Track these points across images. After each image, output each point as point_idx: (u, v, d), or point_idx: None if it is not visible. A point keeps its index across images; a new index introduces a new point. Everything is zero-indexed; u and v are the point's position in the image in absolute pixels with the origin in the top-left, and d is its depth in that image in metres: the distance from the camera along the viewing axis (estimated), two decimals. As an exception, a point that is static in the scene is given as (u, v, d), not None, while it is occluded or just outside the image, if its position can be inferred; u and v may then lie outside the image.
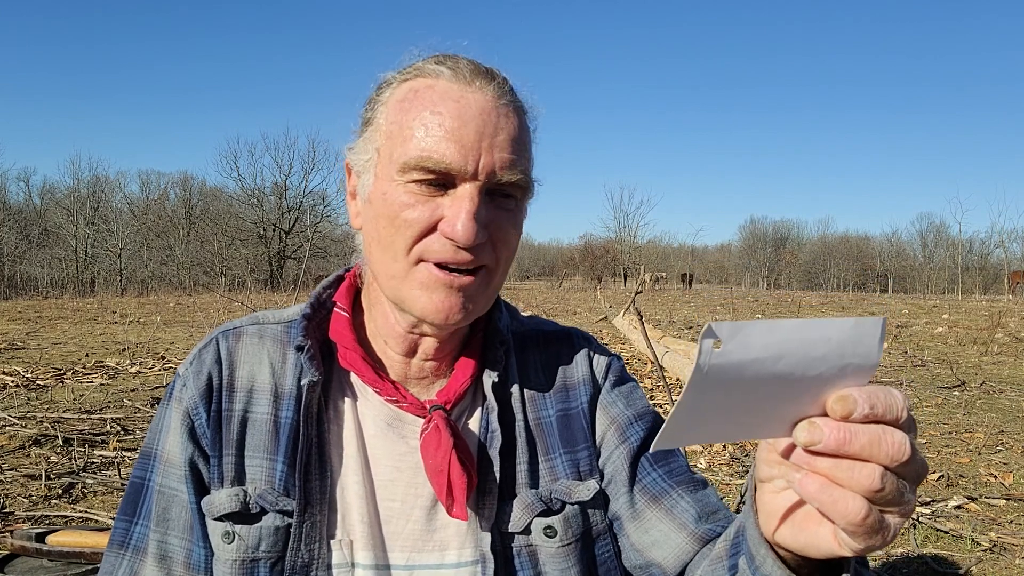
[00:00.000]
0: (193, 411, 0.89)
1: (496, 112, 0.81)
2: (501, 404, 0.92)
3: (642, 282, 10.06)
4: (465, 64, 0.83)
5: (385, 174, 0.82)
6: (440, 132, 0.78)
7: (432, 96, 0.81)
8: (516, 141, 0.82)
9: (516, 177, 0.82)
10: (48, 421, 5.15)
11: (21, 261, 38.58)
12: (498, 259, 0.85)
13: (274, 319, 0.97)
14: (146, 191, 48.77)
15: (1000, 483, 4.31)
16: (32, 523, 3.30)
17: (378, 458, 0.89)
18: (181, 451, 0.89)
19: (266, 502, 0.86)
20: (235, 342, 0.93)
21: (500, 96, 0.82)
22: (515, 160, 0.81)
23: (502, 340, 0.95)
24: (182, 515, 0.89)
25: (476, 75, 0.82)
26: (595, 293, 28.47)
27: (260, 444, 0.88)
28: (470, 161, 0.78)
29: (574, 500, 0.91)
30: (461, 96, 0.80)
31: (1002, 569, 3.12)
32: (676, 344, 9.45)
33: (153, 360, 8.55)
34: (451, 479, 0.83)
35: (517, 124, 0.83)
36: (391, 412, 0.90)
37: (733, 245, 78.18)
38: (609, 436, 0.95)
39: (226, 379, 0.90)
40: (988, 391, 7.50)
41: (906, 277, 60.74)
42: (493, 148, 0.79)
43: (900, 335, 13.43)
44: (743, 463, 4.63)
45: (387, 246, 0.83)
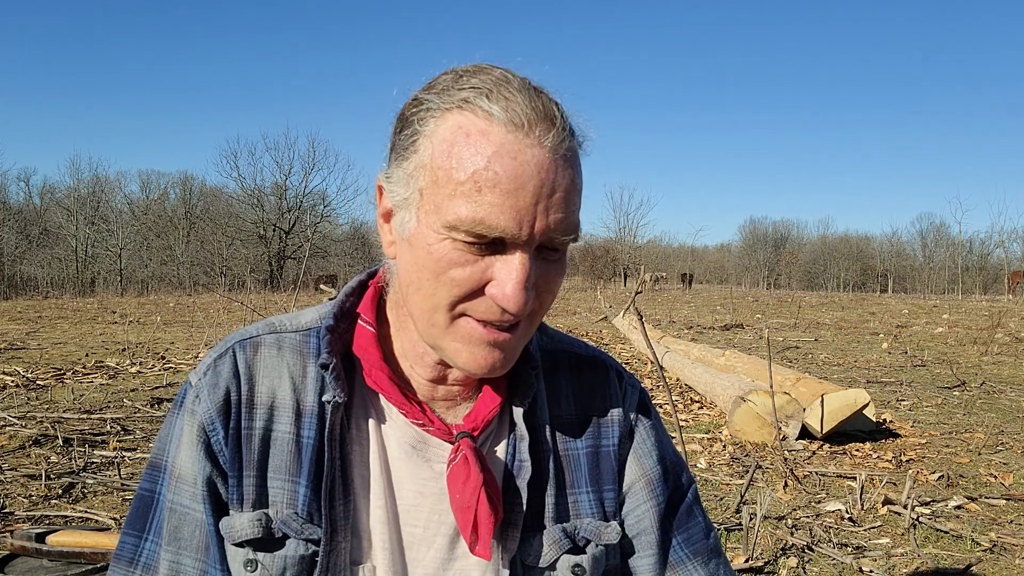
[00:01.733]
0: (209, 427, 0.84)
1: (554, 168, 0.72)
2: (530, 431, 0.88)
3: (642, 282, 10.08)
4: (521, 103, 0.72)
5: (429, 223, 0.75)
6: (495, 198, 0.70)
7: (486, 147, 0.71)
8: (570, 195, 0.75)
9: (570, 236, 0.76)
10: (48, 421, 5.15)
11: (21, 261, 38.59)
12: (542, 305, 0.80)
13: (291, 326, 0.91)
14: (146, 191, 48.81)
15: (1000, 483, 4.31)
16: (32, 523, 3.29)
17: (402, 481, 0.86)
18: (198, 468, 0.85)
19: (290, 528, 0.83)
20: (253, 354, 0.87)
21: (559, 144, 0.73)
22: (567, 218, 0.74)
23: (534, 365, 0.90)
24: (196, 534, 0.85)
25: (535, 121, 0.72)
26: (595, 293, 28.47)
27: (283, 465, 0.84)
28: (524, 227, 0.72)
29: (603, 542, 0.89)
30: (519, 152, 0.71)
31: (1002, 569, 3.12)
32: (676, 344, 9.45)
33: (153, 360, 8.55)
34: (478, 516, 0.80)
35: (572, 175, 0.75)
36: (416, 434, 0.87)
37: (733, 245, 78.20)
38: (638, 488, 0.93)
39: (245, 395, 0.85)
40: (988, 391, 7.50)
41: (906, 277, 60.74)
42: (548, 210, 0.73)
43: (900, 335, 13.43)
44: (743, 463, 4.63)
45: (428, 297, 0.77)
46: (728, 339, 12.57)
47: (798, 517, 3.69)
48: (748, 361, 7.26)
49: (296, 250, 41.63)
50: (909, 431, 5.60)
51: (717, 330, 14.57)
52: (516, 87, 0.74)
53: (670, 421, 5.58)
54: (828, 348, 11.46)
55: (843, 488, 4.19)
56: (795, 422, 5.15)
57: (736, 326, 15.25)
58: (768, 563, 3.12)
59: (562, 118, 0.74)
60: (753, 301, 26.91)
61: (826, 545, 3.29)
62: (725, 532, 3.43)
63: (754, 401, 5.17)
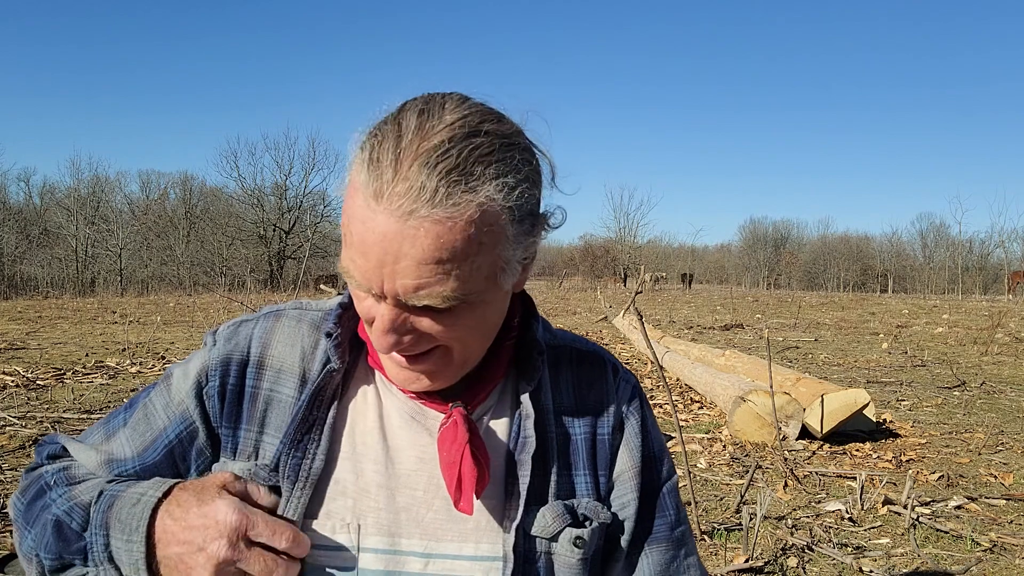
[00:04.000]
0: (212, 372, 0.92)
1: (399, 237, 0.71)
2: (535, 412, 0.93)
3: (642, 282, 10.06)
4: (386, 163, 0.73)
5: None
6: (353, 254, 0.76)
7: (351, 208, 0.76)
8: (427, 263, 0.72)
9: (423, 302, 0.75)
10: (48, 421, 5.15)
11: (21, 261, 38.59)
12: (459, 340, 0.82)
13: (316, 307, 0.99)
14: (146, 191, 48.85)
15: (1000, 483, 4.31)
16: (32, 523, 3.30)
17: (401, 448, 0.91)
18: (184, 395, 0.93)
19: (259, 478, 0.88)
20: (275, 322, 0.96)
21: (409, 213, 0.71)
22: (422, 285, 0.74)
23: (540, 350, 0.95)
24: (145, 436, 0.93)
25: (388, 182, 0.72)
26: (595, 293, 28.47)
27: (280, 424, 0.91)
28: (374, 286, 0.76)
29: (600, 520, 0.94)
30: (366, 219, 0.73)
31: (1002, 569, 3.12)
32: (676, 344, 9.45)
33: (153, 360, 8.55)
34: (462, 472, 0.84)
35: (432, 241, 0.72)
36: (415, 407, 0.92)
37: (733, 245, 78.14)
38: (626, 478, 0.98)
39: (256, 356, 0.93)
40: (988, 391, 7.50)
41: (906, 277, 60.72)
42: (395, 275, 0.73)
43: (900, 335, 13.43)
44: (743, 463, 4.63)
45: None
46: (728, 339, 12.57)
47: (798, 517, 3.69)
48: (748, 361, 7.26)
49: (296, 250, 41.62)
50: (909, 431, 5.60)
51: (717, 330, 14.57)
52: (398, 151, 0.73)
53: (670, 421, 5.58)
54: (828, 348, 11.46)
55: (843, 488, 4.19)
56: (795, 422, 5.15)
57: (736, 326, 15.25)
58: (768, 563, 3.12)
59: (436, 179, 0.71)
60: (753, 301, 26.90)
61: (826, 545, 3.29)
62: (725, 532, 3.43)
63: (754, 401, 5.17)
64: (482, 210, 0.74)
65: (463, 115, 0.75)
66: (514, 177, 0.76)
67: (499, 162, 0.75)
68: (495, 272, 0.79)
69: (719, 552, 3.21)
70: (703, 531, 3.39)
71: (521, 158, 0.78)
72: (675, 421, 3.66)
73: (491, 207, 0.74)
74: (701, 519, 3.49)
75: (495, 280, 0.80)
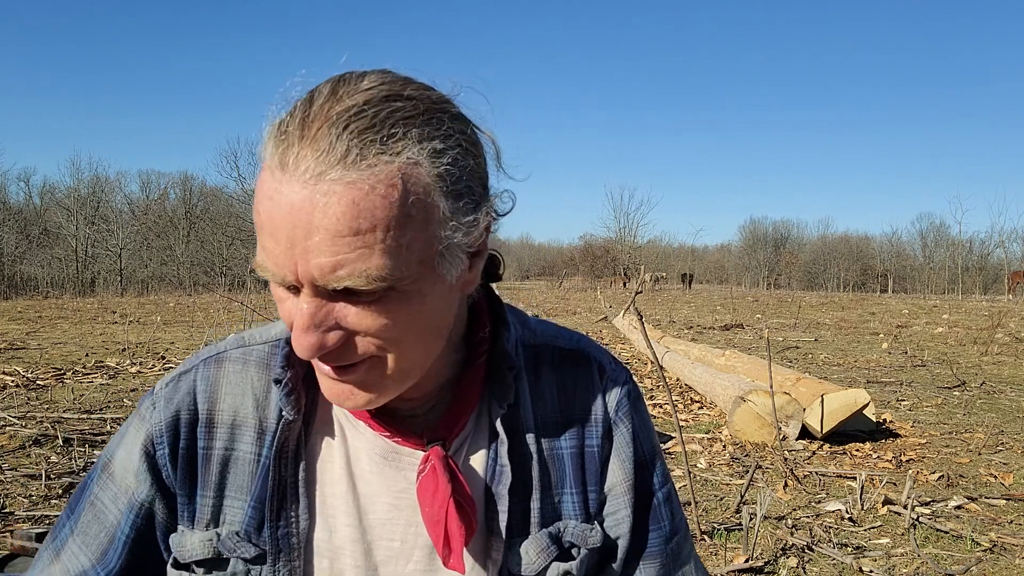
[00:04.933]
0: (157, 440, 0.82)
1: (310, 204, 0.61)
2: (511, 435, 0.84)
3: (642, 282, 10.10)
4: (293, 134, 0.64)
5: None
6: (264, 241, 0.66)
7: (259, 188, 0.67)
8: (344, 235, 0.62)
9: (348, 283, 0.63)
10: (48, 421, 5.15)
11: (21, 261, 38.61)
12: (383, 348, 0.69)
13: (261, 338, 0.87)
14: (146, 191, 48.86)
15: (1000, 483, 4.31)
16: (32, 523, 3.30)
17: (373, 496, 0.82)
18: (132, 477, 0.82)
19: (227, 548, 0.80)
20: (217, 370, 0.84)
21: (321, 174, 0.61)
22: (341, 263, 0.62)
23: (511, 365, 0.84)
24: (100, 536, 0.83)
25: (293, 146, 0.63)
26: (595, 293, 28.47)
27: (242, 485, 0.81)
28: (288, 273, 0.65)
29: (588, 546, 0.86)
30: (273, 192, 0.64)
31: (1002, 569, 3.12)
32: (676, 344, 9.45)
33: (153, 360, 8.55)
34: (448, 530, 0.77)
35: (347, 208, 0.61)
36: (386, 445, 0.82)
37: (733, 245, 78.13)
38: (619, 492, 0.90)
39: (204, 414, 0.82)
40: (988, 391, 7.50)
41: (906, 277, 60.72)
42: (308, 254, 0.63)
43: (900, 335, 13.43)
44: (743, 463, 4.63)
45: None
46: (728, 339, 12.57)
47: (798, 517, 3.69)
48: (748, 361, 7.26)
49: (296, 250, 41.60)
50: (909, 431, 5.60)
51: (717, 330, 14.57)
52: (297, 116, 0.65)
53: (670, 421, 5.58)
54: (828, 348, 11.45)
55: (843, 488, 4.19)
56: (795, 422, 5.15)
57: (736, 326, 15.25)
58: (768, 563, 3.12)
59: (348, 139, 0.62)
60: (753, 301, 26.90)
61: (826, 545, 3.29)
62: (725, 532, 3.43)
63: (754, 401, 5.17)
64: (404, 174, 0.63)
65: (382, 80, 0.66)
66: (443, 143, 0.65)
67: (425, 124, 0.65)
68: (431, 256, 0.67)
69: (719, 552, 3.21)
70: (703, 531, 3.39)
71: (452, 125, 0.67)
72: (675, 421, 3.66)
73: (416, 173, 0.64)
74: (701, 519, 3.49)
75: (432, 266, 0.68)
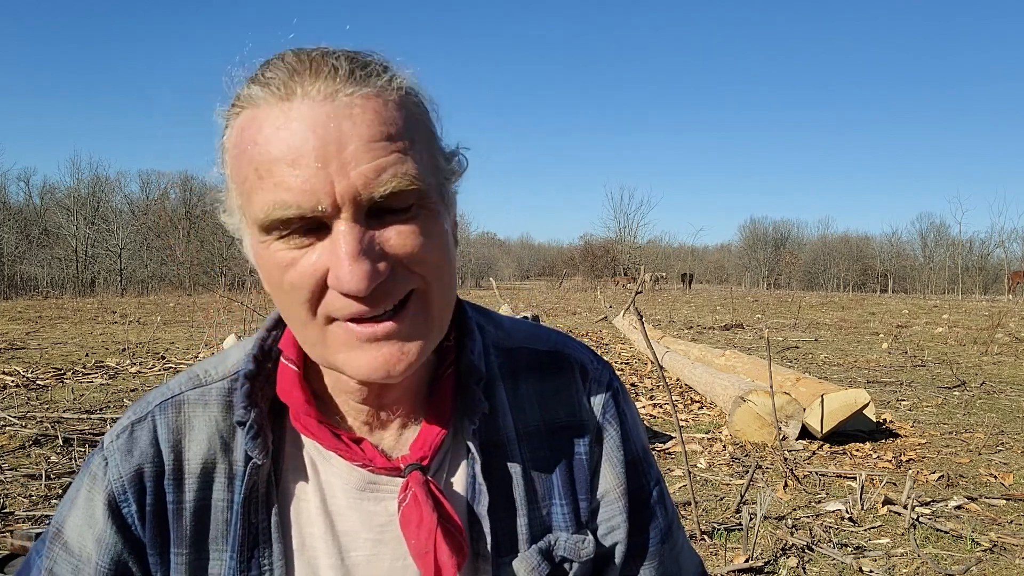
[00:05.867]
0: (120, 496, 0.76)
1: (335, 117, 0.62)
2: (491, 448, 0.81)
3: (642, 282, 10.07)
4: (281, 69, 0.65)
5: (254, 237, 0.68)
6: (274, 176, 0.63)
7: (254, 131, 0.64)
8: (378, 139, 0.63)
9: (392, 186, 0.63)
10: (48, 421, 5.15)
11: (21, 261, 38.58)
12: (424, 278, 0.68)
13: (217, 373, 0.81)
14: (146, 191, 48.79)
15: (1000, 483, 4.31)
16: (32, 523, 3.29)
17: (353, 533, 0.78)
18: (94, 543, 0.76)
19: None
20: (176, 415, 0.78)
21: (333, 92, 0.63)
22: (382, 165, 0.63)
23: (479, 377, 0.80)
24: None
25: (295, 79, 0.64)
26: (595, 293, 28.47)
27: (219, 534, 0.77)
28: (322, 196, 0.62)
29: (581, 559, 0.83)
30: (283, 119, 0.63)
31: (1002, 569, 3.12)
32: (676, 344, 9.45)
33: (153, 360, 8.55)
34: (438, 561, 0.73)
35: (374, 115, 0.64)
36: (362, 476, 0.78)
37: (733, 245, 78.10)
38: (612, 498, 0.87)
39: (170, 466, 0.77)
40: (988, 391, 7.50)
41: (906, 277, 60.70)
42: (346, 166, 0.62)
43: (900, 335, 13.43)
44: (743, 463, 4.63)
45: (289, 315, 0.70)
46: (728, 339, 12.57)
47: (798, 517, 3.69)
48: (748, 361, 7.26)
49: (296, 250, 41.62)
50: (909, 431, 5.59)
51: (717, 330, 14.57)
52: (284, 59, 0.66)
53: (670, 421, 5.58)
54: (828, 348, 11.45)
55: (843, 488, 4.19)
56: (795, 422, 5.15)
57: (736, 326, 15.25)
58: (768, 563, 3.12)
59: (344, 60, 0.65)
60: (753, 301, 26.90)
61: (826, 545, 3.29)
62: (725, 532, 3.43)
63: (754, 401, 5.17)
64: (407, 93, 0.67)
65: None
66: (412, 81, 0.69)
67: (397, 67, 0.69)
68: (439, 181, 0.70)
69: (719, 552, 3.21)
70: (703, 531, 3.39)
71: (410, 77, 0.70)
72: (675, 421, 3.66)
73: (410, 89, 0.68)
74: (701, 519, 3.49)
75: (440, 193, 0.70)
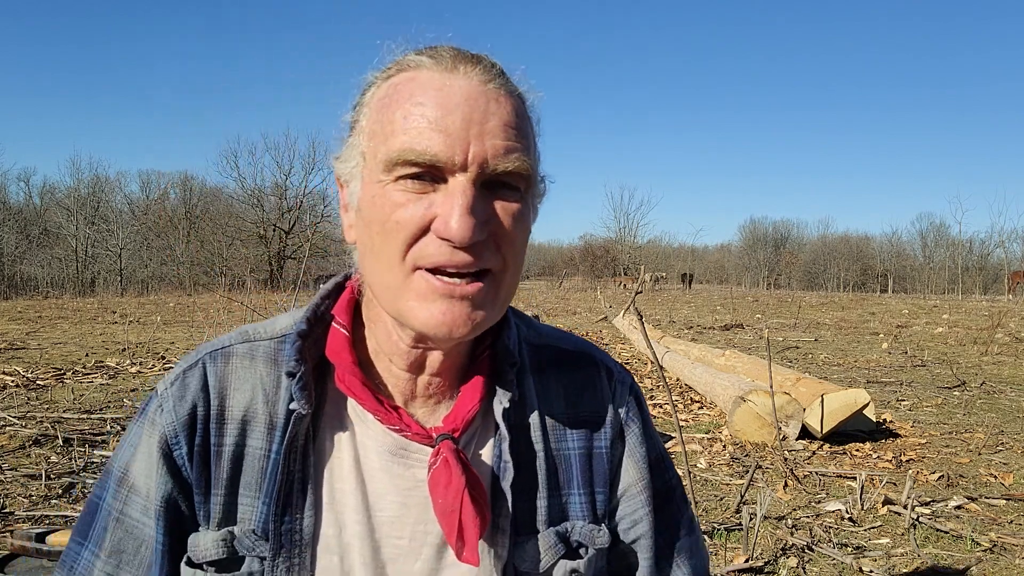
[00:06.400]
0: (172, 440, 0.81)
1: (484, 97, 0.74)
2: (517, 431, 0.85)
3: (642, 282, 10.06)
4: (447, 51, 0.77)
5: (371, 177, 0.76)
6: (423, 122, 0.72)
7: (412, 87, 0.75)
8: (511, 127, 0.74)
9: (514, 164, 0.74)
10: (48, 421, 5.15)
11: (21, 261, 38.58)
12: (504, 261, 0.76)
13: (266, 333, 0.87)
14: (146, 191, 48.79)
15: (1000, 483, 4.31)
16: (32, 523, 3.29)
17: (382, 493, 0.82)
18: (155, 482, 0.81)
19: (244, 546, 0.80)
20: (224, 365, 0.84)
21: (488, 80, 0.75)
22: (511, 147, 0.74)
23: (513, 362, 0.86)
24: (141, 551, 0.81)
25: (459, 60, 0.76)
26: (595, 293, 28.46)
27: (252, 481, 0.81)
28: (458, 151, 0.71)
29: (596, 546, 0.87)
30: (444, 84, 0.74)
31: (1002, 569, 3.12)
32: (676, 344, 9.45)
33: (153, 360, 8.55)
34: (463, 521, 0.77)
35: (511, 109, 0.75)
36: (395, 441, 0.83)
37: (733, 245, 78.08)
38: (635, 492, 0.91)
39: (215, 409, 0.82)
40: (988, 391, 7.50)
41: (906, 277, 60.67)
42: (484, 135, 0.72)
43: (900, 335, 13.43)
44: (743, 463, 4.63)
45: (380, 254, 0.76)
46: (728, 339, 12.57)
47: (798, 517, 3.69)
48: (748, 361, 7.26)
49: (296, 250, 41.57)
50: (909, 431, 5.59)
51: (717, 330, 14.57)
52: (447, 47, 0.78)
53: (670, 421, 5.58)
54: (828, 348, 11.45)
55: (843, 488, 4.19)
56: (795, 422, 5.15)
57: (736, 326, 15.24)
58: (768, 563, 3.12)
59: (493, 64, 0.78)
60: (753, 301, 26.90)
61: (826, 545, 3.29)
62: (725, 532, 3.43)
63: (754, 401, 5.16)
64: (528, 103, 0.80)
65: None
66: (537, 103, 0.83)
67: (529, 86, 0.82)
68: (535, 182, 0.80)
69: (719, 552, 3.21)
70: (703, 531, 3.39)
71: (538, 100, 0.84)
72: (675, 421, 3.66)
73: (534, 108, 0.81)
74: (701, 519, 3.49)
75: (535, 195, 0.81)
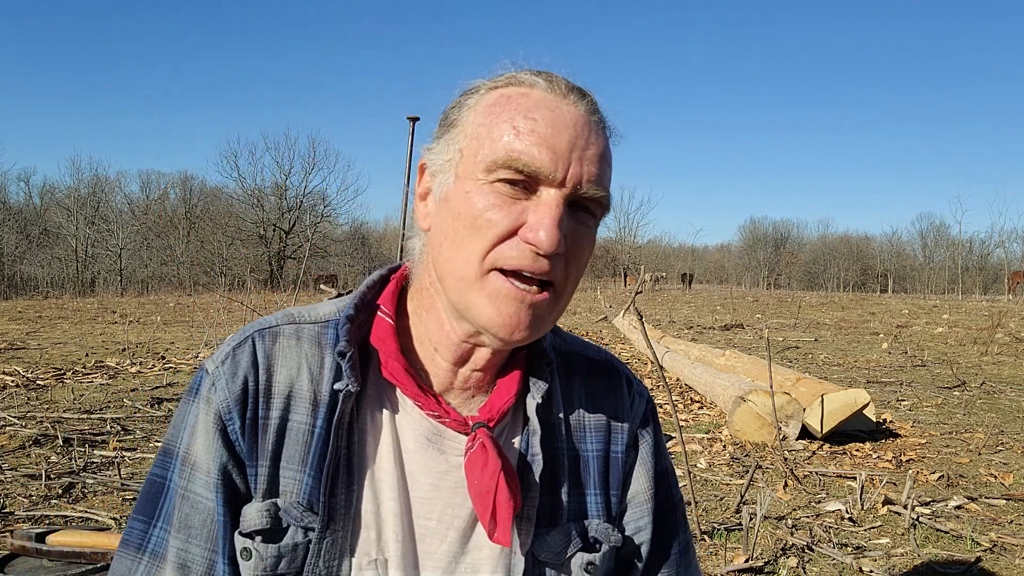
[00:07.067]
0: (227, 416, 0.85)
1: (588, 127, 0.81)
2: (545, 427, 0.90)
3: (642, 282, 10.09)
4: (561, 79, 0.84)
5: (468, 173, 0.81)
6: (533, 137, 0.78)
7: (526, 102, 0.81)
8: (603, 159, 0.82)
9: (600, 193, 0.81)
10: (48, 421, 5.15)
11: (21, 261, 38.58)
12: (567, 278, 0.83)
13: (310, 318, 0.91)
14: (146, 191, 48.75)
15: (1000, 483, 4.31)
16: (32, 523, 3.29)
17: (416, 474, 0.87)
18: (213, 456, 0.85)
19: (291, 516, 0.84)
20: (272, 343, 0.88)
21: (592, 113, 0.83)
22: (601, 177, 0.81)
23: (548, 361, 0.93)
24: (207, 524, 0.85)
25: (571, 90, 0.83)
26: (595, 293, 28.46)
27: (295, 455, 0.85)
28: (560, 168, 0.78)
29: (610, 543, 0.92)
30: (556, 106, 0.80)
31: (1002, 569, 3.12)
32: (676, 344, 9.45)
33: (153, 360, 8.55)
34: (497, 502, 0.81)
35: (605, 144, 0.83)
36: (432, 427, 0.87)
37: (733, 245, 78.09)
38: (642, 500, 0.97)
39: (263, 384, 0.86)
40: (988, 391, 7.50)
41: (906, 277, 60.68)
42: (583, 160, 0.79)
43: (900, 335, 13.43)
44: (743, 463, 4.63)
45: (461, 246, 0.80)
46: (728, 339, 12.57)
47: (798, 517, 3.69)
48: (748, 361, 7.26)
49: (296, 250, 41.59)
50: (909, 431, 5.60)
51: (717, 330, 14.57)
52: (559, 75, 0.85)
53: (670, 421, 5.58)
54: (828, 348, 11.46)
55: (843, 488, 4.19)
56: (795, 422, 5.15)
57: (736, 326, 15.25)
58: (768, 563, 3.12)
59: (595, 101, 0.85)
60: (753, 301, 26.91)
61: (826, 545, 3.29)
62: (725, 532, 3.43)
63: (754, 401, 5.17)
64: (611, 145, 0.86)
65: None
66: None
67: None
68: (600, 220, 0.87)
69: (719, 552, 3.21)
70: (703, 531, 3.39)
71: None
72: (675, 421, 3.66)
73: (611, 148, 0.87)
74: (701, 519, 3.49)
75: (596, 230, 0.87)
